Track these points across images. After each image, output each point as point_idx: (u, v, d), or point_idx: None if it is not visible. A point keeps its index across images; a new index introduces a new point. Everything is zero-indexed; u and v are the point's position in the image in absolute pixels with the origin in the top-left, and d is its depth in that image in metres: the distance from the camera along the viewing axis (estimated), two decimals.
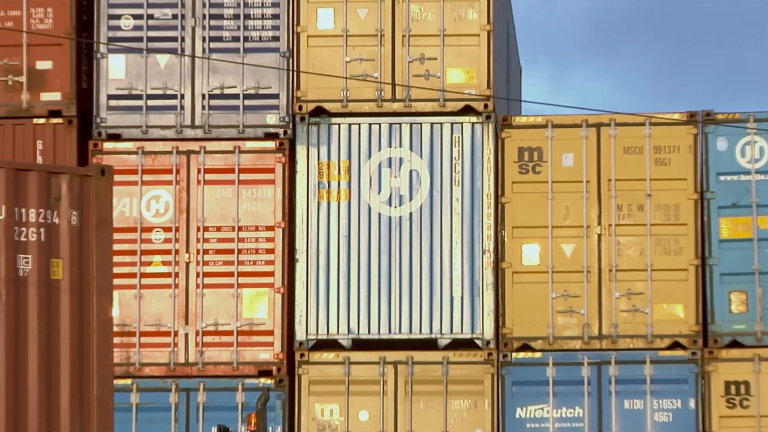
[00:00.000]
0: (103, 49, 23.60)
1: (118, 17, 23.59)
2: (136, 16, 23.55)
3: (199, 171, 23.42)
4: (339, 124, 23.45)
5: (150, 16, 23.51)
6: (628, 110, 26.80)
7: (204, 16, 23.71)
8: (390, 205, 23.19)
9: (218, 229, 23.25)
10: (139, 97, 23.46)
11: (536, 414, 22.59)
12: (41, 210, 12.59)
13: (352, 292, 23.34)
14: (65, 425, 12.76)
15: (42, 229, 12.57)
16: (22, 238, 12.39)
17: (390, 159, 23.36)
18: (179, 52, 23.93)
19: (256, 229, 23.27)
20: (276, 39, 23.62)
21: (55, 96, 23.48)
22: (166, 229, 23.28)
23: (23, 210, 12.47)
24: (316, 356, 22.75)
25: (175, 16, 23.65)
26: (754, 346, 22.37)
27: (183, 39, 23.81)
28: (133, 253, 22.50)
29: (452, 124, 23.43)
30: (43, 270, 12.70)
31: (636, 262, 23.09)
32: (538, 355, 22.62)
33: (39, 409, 12.51)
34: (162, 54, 23.75)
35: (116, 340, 16.64)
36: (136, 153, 23.16)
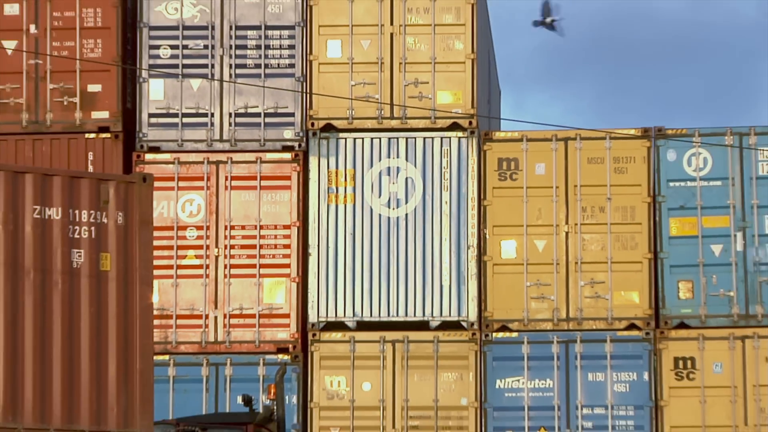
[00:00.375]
0: (144, 74, 25.49)
1: (158, 47, 25.58)
2: (172, 47, 25.53)
3: (226, 178, 25.39)
4: (345, 138, 25.35)
5: (185, 47, 25.45)
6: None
7: (231, 47, 25.62)
8: (389, 207, 25.11)
9: (242, 227, 25.23)
10: (175, 115, 25.32)
11: (513, 385, 24.50)
12: (92, 211, 14.84)
13: (357, 282, 25.21)
14: (112, 395, 15.07)
15: (92, 228, 14.81)
16: (76, 236, 14.65)
17: (389, 168, 25.24)
18: (210, 77, 25.68)
19: (275, 227, 25.29)
20: (292, 66, 25.54)
21: (104, 114, 25.31)
22: (198, 228, 25.19)
23: (76, 211, 14.71)
24: (326, 336, 24.73)
25: (206, 47, 25.53)
26: (699, 327, 24.32)
27: (213, 66, 25.62)
28: (170, 248, 24.43)
29: (441, 138, 25.28)
30: (94, 262, 14.88)
31: (598, 255, 24.95)
32: (514, 334, 24.45)
33: (90, 381, 14.72)
34: (195, 78, 25.52)
35: (156, 322, 18.29)
36: (172, 163, 25.04)
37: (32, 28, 25.73)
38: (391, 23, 25.63)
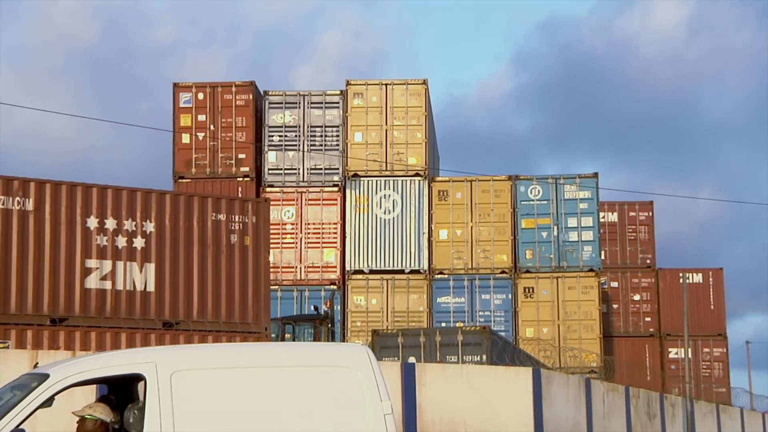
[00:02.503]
0: (266, 149, 36.69)
1: (272, 135, 37.03)
2: (279, 135, 36.92)
3: (305, 200, 36.43)
4: (363, 180, 36.57)
5: (285, 134, 36.76)
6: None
7: (307, 135, 36.72)
8: (384, 213, 36.41)
9: (314, 224, 36.15)
10: (281, 169, 36.76)
11: (445, 300, 35.62)
12: (240, 215, 22.61)
13: (369, 250, 36.27)
14: (250, 304, 22.19)
15: (241, 224, 22.52)
16: (232, 228, 22.37)
17: (384, 194, 36.48)
18: (298, 150, 36.63)
19: (329, 224, 36.46)
20: (337, 145, 37.08)
21: (246, 169, 36.60)
22: (293, 224, 36.28)
23: (232, 215, 22.53)
24: (354, 276, 36.05)
25: (296, 135, 36.76)
26: (535, 272, 36.05)
27: (298, 144, 36.76)
28: (277, 233, 33.93)
29: (410, 180, 36.62)
30: (241, 241, 22.25)
31: (486, 237, 36.11)
32: (446, 276, 35.63)
33: (240, 297, 22.16)
34: (291, 151, 36.80)
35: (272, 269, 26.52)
36: (280, 192, 36.22)
37: (201, 117, 36.06)
38: (386, 124, 36.74)
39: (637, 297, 43.66)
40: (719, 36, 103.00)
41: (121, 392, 9.32)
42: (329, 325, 30.15)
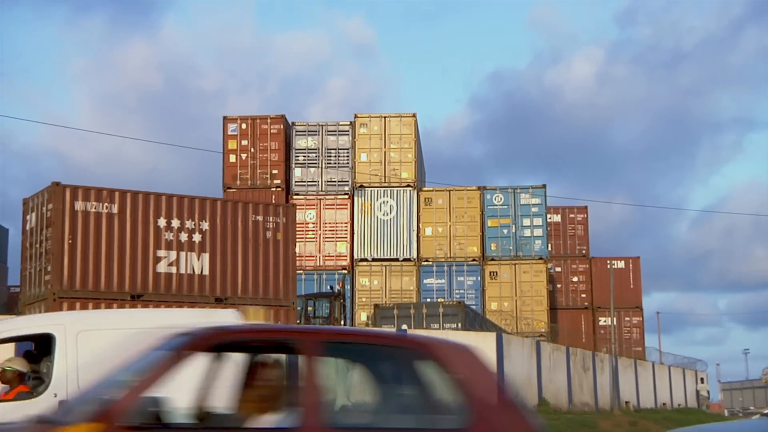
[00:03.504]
0: (293, 166, 36.80)
1: (299, 157, 37.11)
2: (303, 156, 37.08)
3: (323, 204, 36.78)
4: (367, 189, 36.76)
5: (308, 155, 37.00)
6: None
7: (325, 156, 37.04)
8: (383, 216, 36.78)
9: (329, 223, 36.43)
10: (304, 182, 37.02)
11: (429, 281, 35.82)
12: (274, 216, 22.71)
13: (372, 242, 36.39)
14: (280, 284, 23.01)
15: (274, 223, 22.53)
16: (267, 226, 22.33)
17: (383, 201, 36.87)
18: (318, 168, 36.80)
19: (341, 223, 36.64)
20: (347, 163, 37.16)
21: (278, 181, 36.75)
22: (313, 223, 36.49)
23: (266, 217, 22.52)
24: (360, 264, 36.25)
25: (316, 156, 37.03)
26: (498, 259, 36.00)
27: (318, 163, 37.12)
28: (303, 230, 34.34)
29: (403, 189, 36.89)
30: (274, 236, 22.41)
31: (461, 233, 36.30)
32: (431, 262, 35.90)
33: (273, 280, 23.30)
34: (312, 168, 36.96)
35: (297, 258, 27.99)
36: (304, 199, 36.57)
37: (243, 142, 36.55)
38: (384, 147, 36.91)
39: (575, 279, 43.72)
40: (621, 85, 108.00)
41: (43, 349, 8.92)
42: (341, 301, 30.05)
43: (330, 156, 37.43)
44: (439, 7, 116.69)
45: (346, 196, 37.40)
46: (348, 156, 37.61)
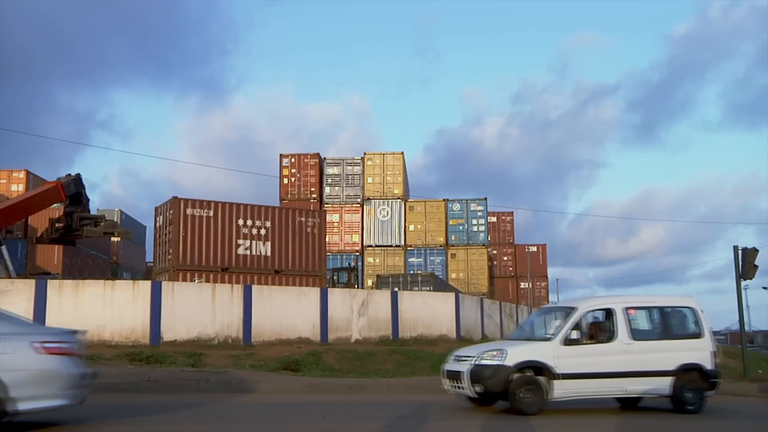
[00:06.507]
0: (325, 186, 35.25)
1: (328, 179, 35.44)
2: (331, 179, 35.41)
3: (344, 211, 34.65)
4: (372, 201, 35.12)
5: (334, 178, 35.37)
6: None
7: (346, 181, 35.37)
8: (383, 218, 35.14)
9: (347, 222, 34.80)
10: (332, 196, 35.41)
11: (413, 261, 34.03)
12: (312, 219, 23.42)
13: (376, 234, 34.48)
14: (316, 260, 23.09)
15: (312, 222, 23.54)
16: (306, 225, 23.17)
17: (382, 208, 35.25)
18: (340, 187, 34.99)
19: (355, 223, 34.82)
20: (359, 183, 35.47)
21: (315, 196, 35.37)
22: (337, 223, 34.74)
23: (307, 219, 23.35)
24: (368, 249, 34.46)
25: (339, 179, 35.13)
26: (455, 246, 34.82)
27: (340, 183, 35.49)
28: (330, 227, 33.03)
29: (395, 201, 35.26)
30: (313, 230, 23.11)
31: (435, 229, 34.17)
32: (413, 248, 36.25)
33: (306, 262, 25.01)
34: (337, 187, 35.17)
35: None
36: (331, 208, 35.05)
37: (293, 170, 35.09)
38: (383, 173, 35.36)
39: (505, 258, 42.81)
40: (517, 139, 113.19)
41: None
42: (355, 273, 29.27)
43: (348, 179, 36.30)
44: (403, 91, 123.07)
45: (359, 205, 36.20)
46: (360, 179, 36.44)
